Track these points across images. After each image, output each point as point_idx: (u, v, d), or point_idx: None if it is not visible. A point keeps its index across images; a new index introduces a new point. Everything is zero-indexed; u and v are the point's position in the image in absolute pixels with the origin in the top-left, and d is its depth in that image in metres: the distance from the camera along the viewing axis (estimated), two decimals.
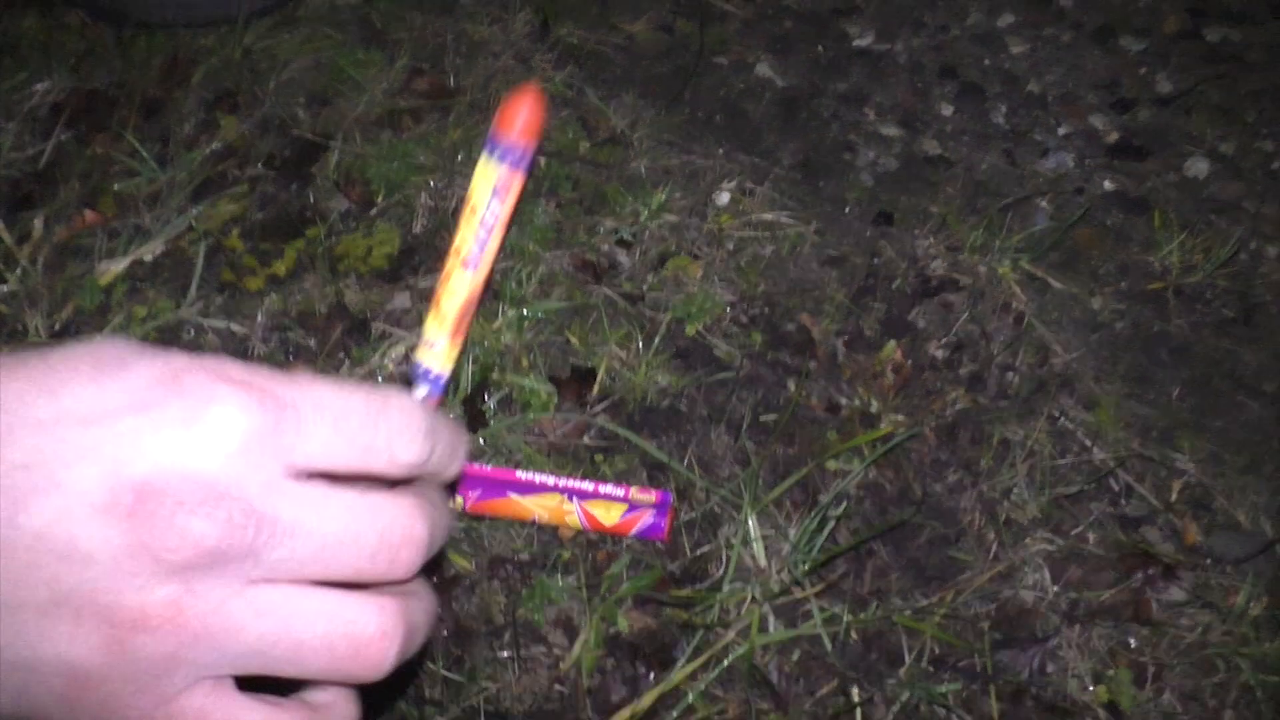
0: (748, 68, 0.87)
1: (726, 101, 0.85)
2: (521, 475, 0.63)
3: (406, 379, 0.70)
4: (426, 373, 0.30)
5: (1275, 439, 0.66)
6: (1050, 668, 0.58)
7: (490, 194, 0.30)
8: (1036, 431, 0.66)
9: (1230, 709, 0.57)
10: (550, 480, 0.63)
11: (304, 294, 0.74)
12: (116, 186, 0.79)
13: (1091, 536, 0.62)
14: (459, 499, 0.62)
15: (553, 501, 0.62)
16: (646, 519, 0.61)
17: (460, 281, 0.30)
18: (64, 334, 0.73)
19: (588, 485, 0.63)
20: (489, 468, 0.64)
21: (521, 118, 0.31)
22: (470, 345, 0.71)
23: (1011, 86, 0.85)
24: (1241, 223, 0.77)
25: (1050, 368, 0.70)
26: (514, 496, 0.62)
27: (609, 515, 0.61)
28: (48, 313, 0.74)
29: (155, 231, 0.77)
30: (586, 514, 0.62)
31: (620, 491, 0.63)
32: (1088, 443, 0.66)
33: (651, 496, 0.62)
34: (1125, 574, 0.61)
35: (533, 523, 0.63)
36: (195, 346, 0.72)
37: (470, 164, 0.80)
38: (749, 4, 0.91)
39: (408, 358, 0.71)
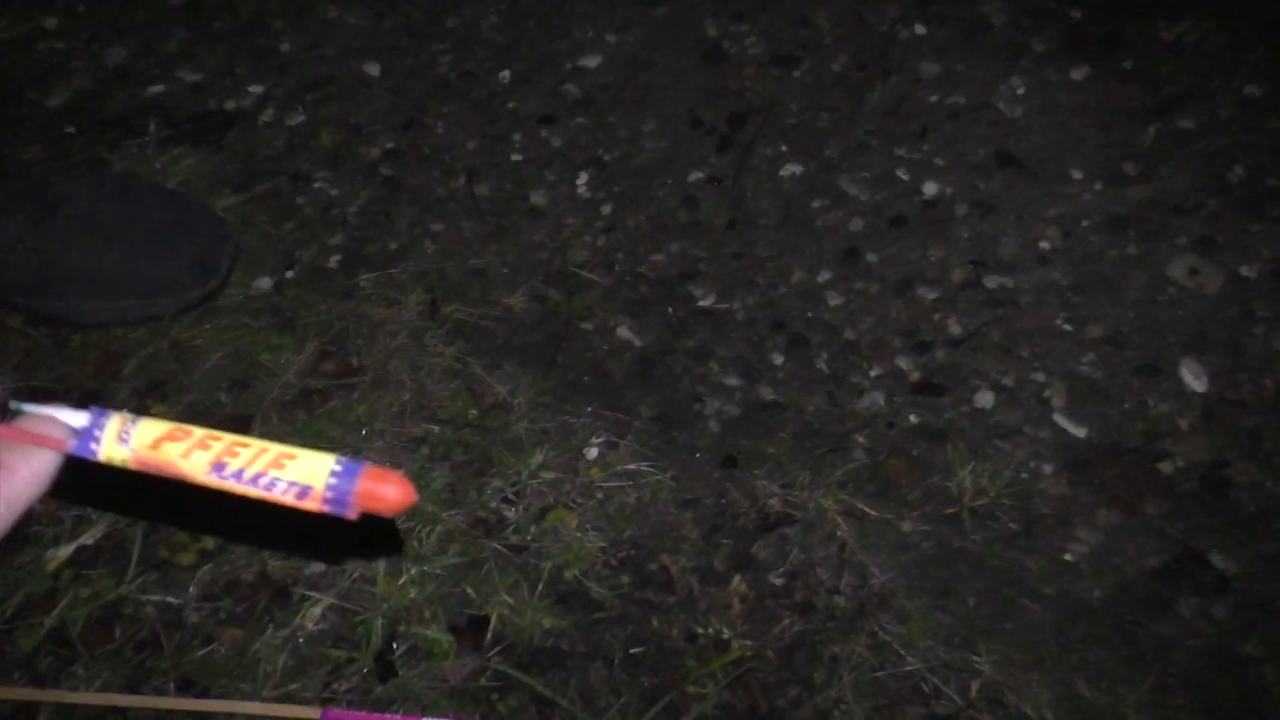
0: (610, 331, 1.02)
1: (593, 363, 1.00)
2: None
3: (326, 636, 0.81)
4: (89, 431, 0.38)
5: (1052, 638, 0.80)
6: None
7: (297, 490, 0.37)
8: (859, 647, 0.80)
9: None
10: None
11: (230, 564, 0.85)
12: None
13: None
14: None
15: None
16: None
17: (195, 462, 0.38)
18: (16, 619, 0.83)
19: None
20: (401, 716, 0.75)
21: (387, 500, 0.40)
22: (379, 601, 0.82)
23: (831, 335, 1.02)
24: (1022, 446, 0.93)
25: (869, 588, 0.83)
26: None
27: None
28: (0, 599, 0.84)
29: (96, 518, 0.88)
30: None
31: None
32: (902, 652, 0.80)
33: None
34: None
35: None
36: (135, 620, 0.82)
37: (373, 436, 0.93)
38: (609, 272, 1.07)
39: (325, 616, 0.83)
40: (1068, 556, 0.85)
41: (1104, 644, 0.80)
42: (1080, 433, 0.94)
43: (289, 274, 1.07)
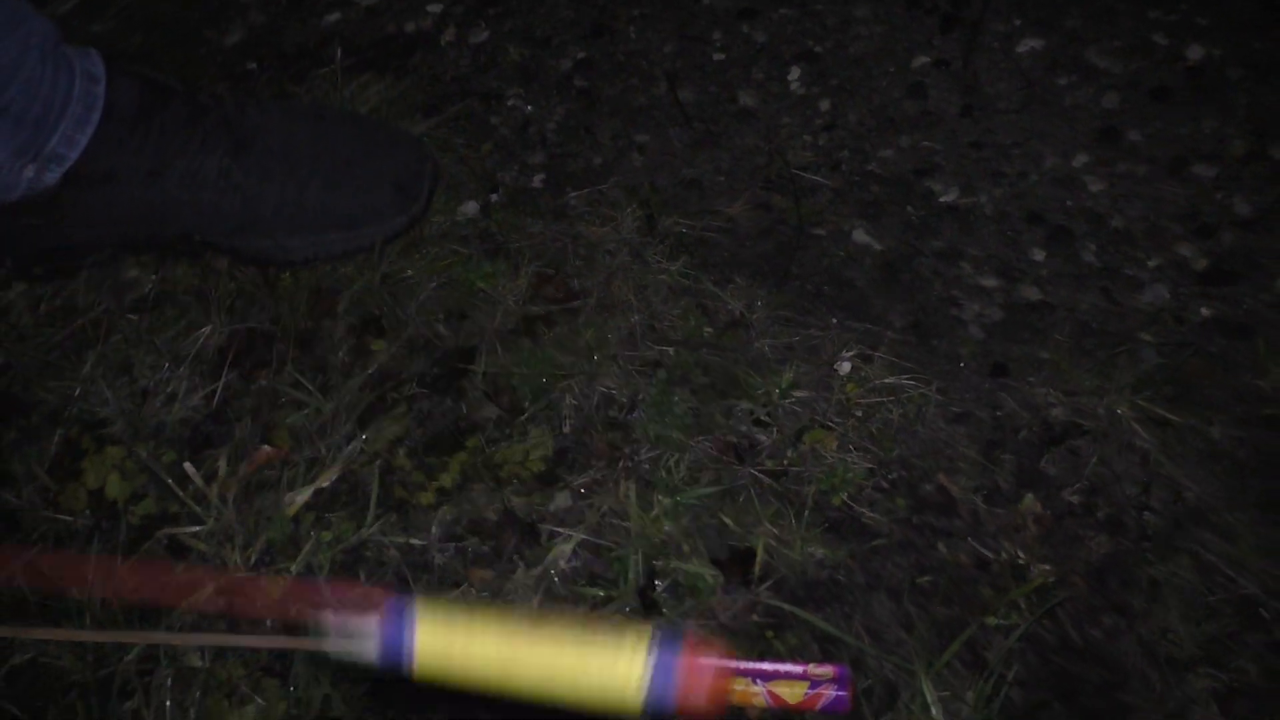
0: (845, 236, 0.93)
1: (831, 271, 0.91)
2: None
3: (580, 574, 0.76)
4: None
5: None
6: None
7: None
8: (1181, 569, 0.70)
9: None
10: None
11: (472, 503, 0.81)
12: (288, 419, 0.86)
13: (1252, 669, 0.66)
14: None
15: (739, 685, 0.67)
16: (829, 694, 0.65)
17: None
18: (259, 565, 0.80)
19: (768, 666, 0.68)
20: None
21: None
22: (632, 536, 0.77)
23: (1097, 225, 0.91)
24: None
25: (1184, 502, 0.74)
26: None
27: (793, 694, 0.66)
28: (243, 546, 0.81)
29: (329, 460, 0.84)
30: (771, 694, 0.66)
31: (799, 669, 0.67)
32: (1231, 574, 0.70)
33: (829, 671, 0.67)
34: None
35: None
36: (378, 563, 0.79)
37: (605, 362, 0.86)
38: (836, 173, 0.98)
39: (575, 554, 0.77)
40: None
41: None
42: None
43: (494, 197, 1.01)
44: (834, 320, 0.87)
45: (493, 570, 0.77)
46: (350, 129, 1.00)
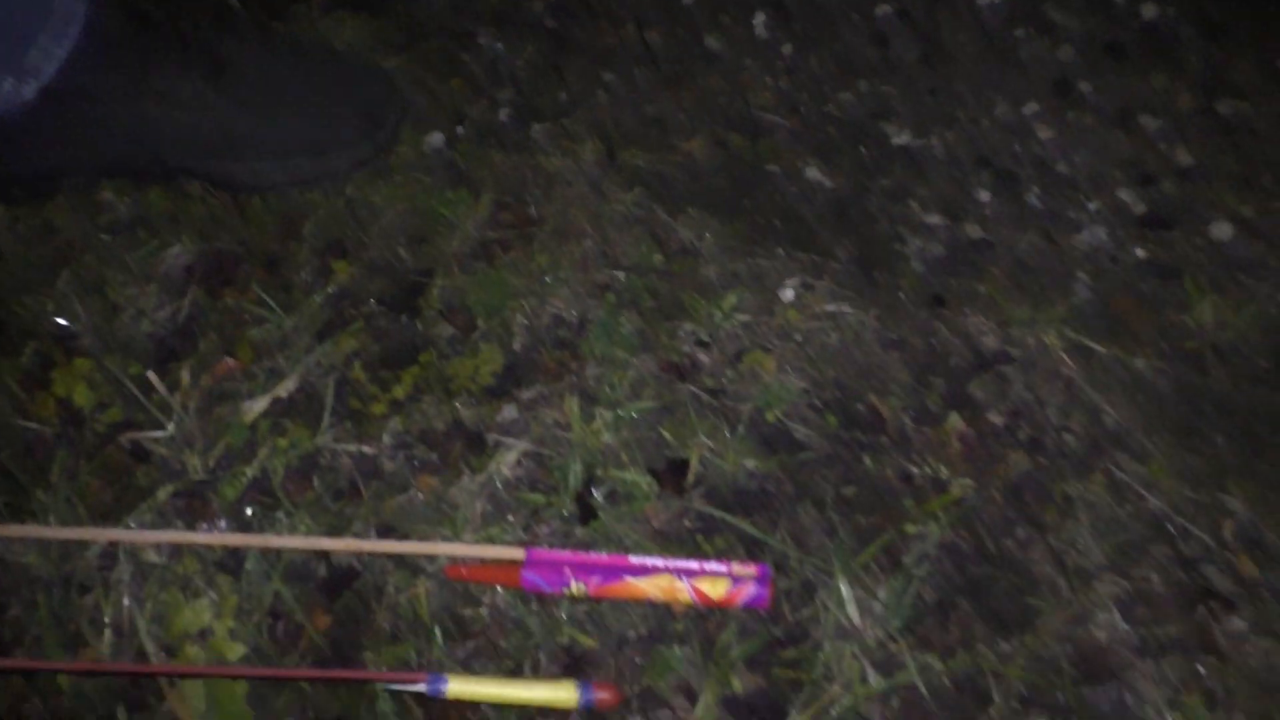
0: (798, 173, 0.96)
1: (782, 206, 0.94)
2: (634, 560, 0.71)
3: (523, 481, 0.79)
4: None
5: None
6: (1128, 699, 0.64)
7: None
8: (1094, 486, 0.73)
9: None
10: (660, 562, 0.71)
11: (423, 414, 0.83)
12: (250, 334, 0.89)
13: (1155, 578, 0.69)
14: (580, 585, 0.70)
15: (664, 581, 0.70)
16: (750, 590, 0.69)
17: None
18: (218, 469, 0.83)
19: (694, 564, 0.71)
20: (605, 555, 0.72)
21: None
22: (574, 446, 0.79)
23: (1042, 170, 0.93)
24: (1268, 279, 0.83)
25: (1102, 427, 0.76)
26: (630, 580, 0.70)
27: (715, 589, 0.69)
28: (203, 451, 0.84)
29: (288, 371, 0.87)
30: (695, 590, 0.69)
31: (723, 568, 0.70)
32: (1142, 492, 0.73)
33: (752, 570, 0.70)
34: (1189, 609, 0.67)
35: (648, 602, 0.70)
36: (332, 469, 0.81)
37: (558, 285, 0.89)
38: (794, 115, 1.00)
39: (520, 463, 0.80)
40: None
41: None
42: None
43: (460, 130, 1.03)
44: (781, 251, 0.90)
45: (439, 477, 0.80)
46: (324, 61, 1.03)
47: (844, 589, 0.69)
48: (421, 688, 0.67)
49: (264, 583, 0.77)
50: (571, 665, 0.69)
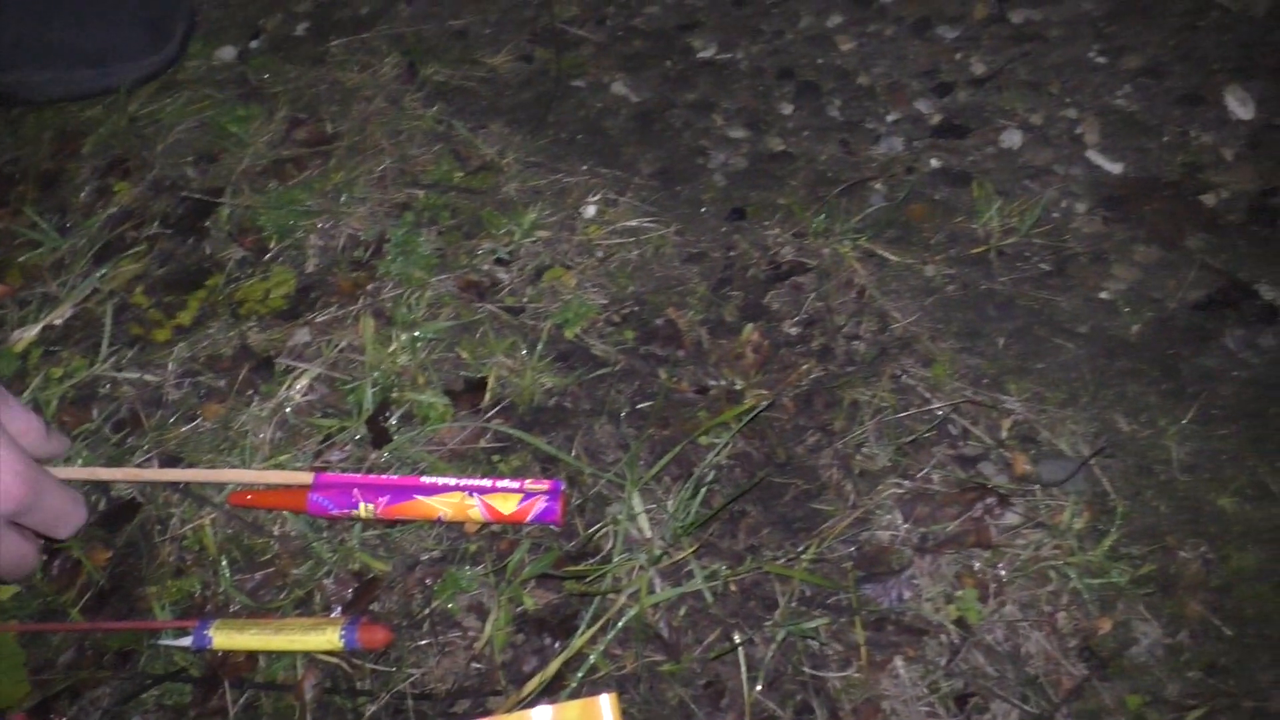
0: (604, 88, 0.94)
1: (587, 121, 0.92)
2: (425, 480, 0.70)
3: (315, 407, 0.76)
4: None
5: (1088, 374, 0.75)
6: (907, 595, 0.66)
7: None
8: (881, 390, 0.75)
9: (1063, 611, 0.65)
10: (452, 481, 0.70)
11: (210, 340, 0.80)
12: (21, 258, 0.84)
13: (935, 477, 0.71)
14: (369, 506, 0.69)
15: (455, 499, 0.69)
16: (540, 505, 0.68)
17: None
18: None
19: (486, 482, 0.70)
20: (395, 476, 0.70)
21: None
22: (368, 369, 0.77)
23: (844, 81, 0.94)
24: (1052, 185, 0.86)
25: (891, 333, 0.78)
26: (420, 499, 0.68)
27: (506, 505, 0.68)
28: None
29: (63, 297, 0.82)
30: (487, 506, 0.69)
31: (515, 484, 0.70)
32: (927, 395, 0.75)
33: (544, 485, 0.69)
34: (966, 506, 0.69)
35: (439, 521, 0.69)
36: (112, 399, 0.78)
37: (354, 204, 0.86)
38: (601, 28, 0.98)
39: (312, 388, 0.78)
40: (1103, 294, 0.80)
41: (1143, 378, 0.75)
42: (1115, 169, 0.87)
43: (254, 44, 0.98)
44: (584, 167, 0.89)
45: (226, 404, 0.77)
46: None
47: (635, 502, 0.69)
48: (187, 642, 0.65)
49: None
50: (362, 590, 0.67)
